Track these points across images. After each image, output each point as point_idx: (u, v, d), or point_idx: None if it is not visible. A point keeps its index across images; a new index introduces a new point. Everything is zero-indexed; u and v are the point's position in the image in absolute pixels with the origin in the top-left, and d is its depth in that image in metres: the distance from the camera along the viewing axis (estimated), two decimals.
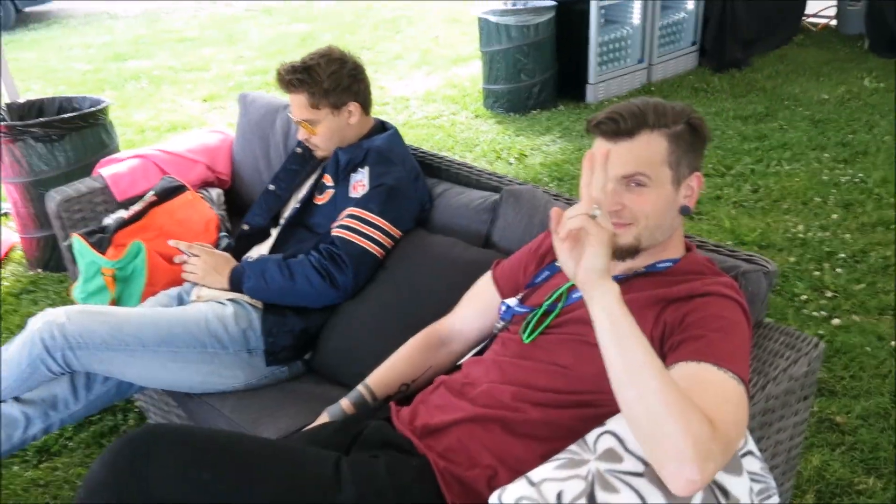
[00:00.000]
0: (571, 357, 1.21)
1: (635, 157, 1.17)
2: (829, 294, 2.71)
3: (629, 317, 1.01)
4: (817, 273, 2.84)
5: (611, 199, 1.17)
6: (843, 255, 2.94)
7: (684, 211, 1.24)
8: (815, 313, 2.60)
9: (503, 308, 1.38)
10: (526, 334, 1.28)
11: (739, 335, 1.12)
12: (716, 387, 1.03)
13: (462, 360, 1.36)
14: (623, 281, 1.26)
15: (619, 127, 1.17)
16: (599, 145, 1.20)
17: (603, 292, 1.01)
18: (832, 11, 6.34)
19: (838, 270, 2.85)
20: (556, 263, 1.38)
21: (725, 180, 3.69)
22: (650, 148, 1.18)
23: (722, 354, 1.06)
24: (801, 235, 3.12)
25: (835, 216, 3.26)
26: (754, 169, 3.80)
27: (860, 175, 3.63)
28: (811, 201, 3.42)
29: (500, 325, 1.38)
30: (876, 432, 2.05)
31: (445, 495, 1.15)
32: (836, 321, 2.54)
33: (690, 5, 5.39)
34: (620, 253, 1.22)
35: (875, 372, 2.29)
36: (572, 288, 1.30)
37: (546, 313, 1.29)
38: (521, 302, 1.37)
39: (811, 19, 6.47)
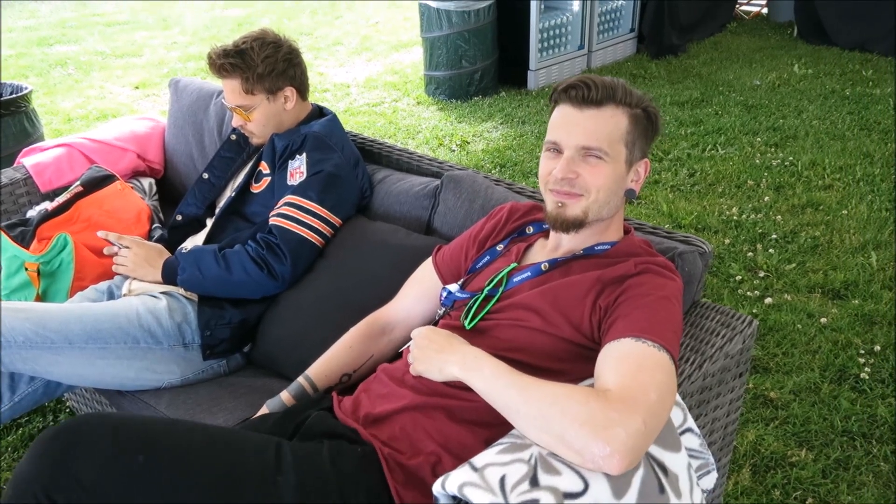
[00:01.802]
0: (512, 343, 1.21)
1: (598, 129, 1.20)
2: (762, 274, 2.79)
3: (481, 365, 1.09)
4: (751, 254, 2.93)
5: (566, 167, 1.19)
6: (774, 237, 3.04)
7: (630, 194, 1.27)
8: (749, 293, 2.68)
9: (444, 294, 1.37)
10: (468, 320, 1.27)
11: (665, 307, 1.15)
12: (632, 358, 1.05)
13: (402, 348, 1.34)
14: (563, 263, 1.26)
15: (590, 94, 1.19)
16: (564, 112, 1.22)
17: (452, 373, 1.12)
18: (763, 0, 6.53)
19: (770, 251, 2.94)
20: (497, 248, 1.38)
21: (663, 165, 3.77)
22: (613, 122, 1.20)
23: (641, 327, 1.09)
24: (735, 218, 3.21)
25: (767, 198, 3.37)
26: (690, 154, 3.88)
27: (790, 158, 3.75)
28: (745, 184, 3.52)
29: (441, 311, 1.37)
30: (807, 406, 2.13)
31: (389, 482, 1.13)
32: (768, 300, 2.62)
33: None
34: (566, 225, 1.24)
35: (806, 348, 2.38)
36: (513, 272, 1.30)
37: (487, 298, 1.28)
38: (462, 287, 1.36)
39: (744, 7, 6.65)
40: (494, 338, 1.23)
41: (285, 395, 1.40)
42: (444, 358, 1.14)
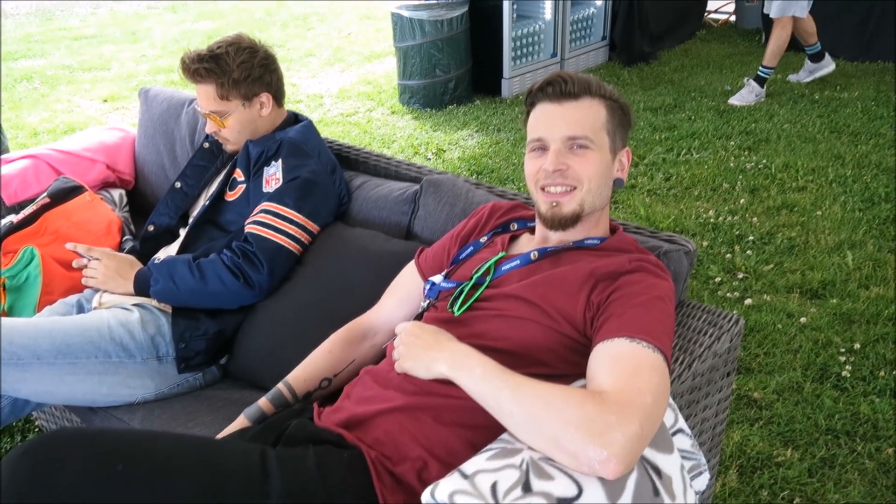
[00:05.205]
0: (501, 333, 1.18)
1: (581, 119, 1.22)
2: (740, 275, 2.80)
3: (471, 363, 1.07)
4: (729, 256, 2.94)
5: (556, 160, 1.21)
6: (751, 238, 3.06)
7: (618, 184, 1.28)
8: (728, 294, 2.69)
9: (427, 287, 1.34)
10: (456, 307, 1.24)
11: (659, 307, 1.13)
12: (627, 360, 1.04)
13: (386, 344, 1.31)
14: (552, 253, 1.25)
15: (566, 87, 1.22)
16: (543, 109, 1.24)
17: (440, 371, 1.10)
18: (731, 7, 6.62)
19: (748, 252, 2.95)
20: (481, 240, 1.36)
21: (639, 170, 3.78)
22: (593, 111, 1.24)
23: (636, 327, 1.07)
24: (712, 220, 3.22)
25: (742, 201, 3.39)
26: (665, 158, 3.90)
27: (764, 161, 3.79)
28: (720, 187, 3.54)
29: (426, 303, 1.34)
30: (791, 405, 2.13)
31: (377, 487, 1.09)
32: (748, 301, 2.63)
33: (599, 1, 5.51)
34: (564, 222, 1.24)
35: (787, 348, 2.38)
36: (501, 260, 1.28)
37: (475, 286, 1.26)
38: (447, 277, 1.33)
39: (712, 15, 6.73)
40: (482, 328, 1.20)
41: (264, 402, 1.36)
42: (431, 356, 1.11)
